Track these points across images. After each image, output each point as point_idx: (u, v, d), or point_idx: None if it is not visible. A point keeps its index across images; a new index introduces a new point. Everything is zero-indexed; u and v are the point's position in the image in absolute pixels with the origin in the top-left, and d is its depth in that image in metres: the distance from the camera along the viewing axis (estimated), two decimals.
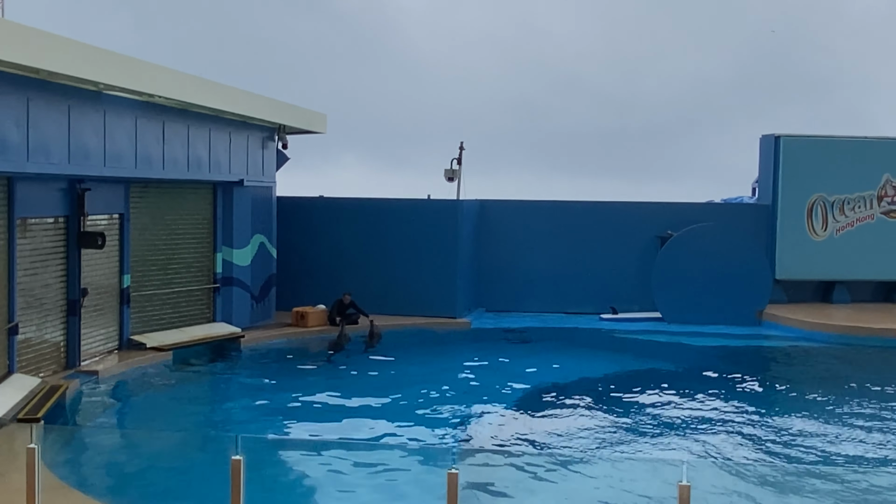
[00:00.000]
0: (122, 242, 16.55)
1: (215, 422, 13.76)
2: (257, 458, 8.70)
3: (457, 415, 13.79)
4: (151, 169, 16.32)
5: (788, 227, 24.25)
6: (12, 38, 11.56)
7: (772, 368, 18.99)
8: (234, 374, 17.07)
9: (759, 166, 25.30)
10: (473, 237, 23.51)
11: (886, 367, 17.91)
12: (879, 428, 13.17)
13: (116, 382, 14.99)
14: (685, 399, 14.96)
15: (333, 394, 14.95)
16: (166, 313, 17.94)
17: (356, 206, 22.83)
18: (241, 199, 19.50)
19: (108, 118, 14.98)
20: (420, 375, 16.54)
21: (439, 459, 9.52)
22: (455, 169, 23.69)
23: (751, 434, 12.92)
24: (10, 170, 12.80)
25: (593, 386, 15.98)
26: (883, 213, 24.62)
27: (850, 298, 24.53)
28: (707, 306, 22.43)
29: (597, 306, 23.48)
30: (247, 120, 19.13)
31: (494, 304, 23.84)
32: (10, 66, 11.93)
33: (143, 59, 14.88)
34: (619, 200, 24.65)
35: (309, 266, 22.13)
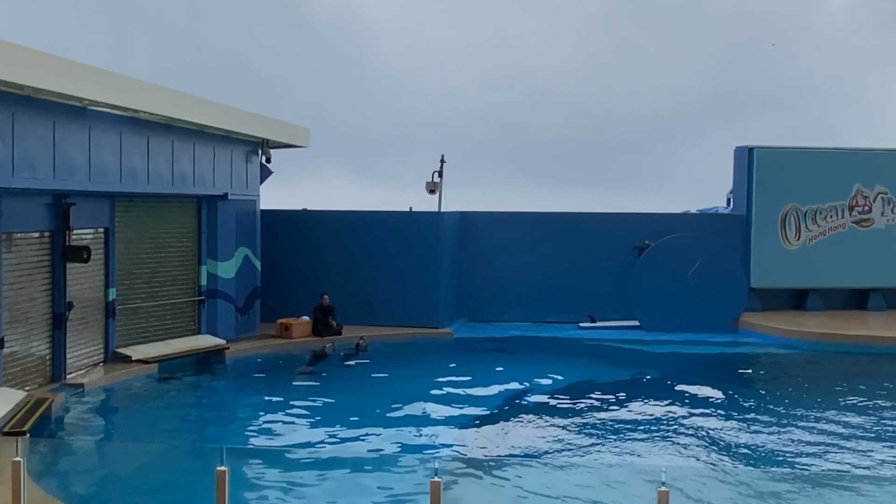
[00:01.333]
0: (108, 256, 16.47)
1: (200, 433, 13.68)
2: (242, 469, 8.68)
3: (439, 423, 13.78)
4: (136, 183, 16.25)
5: (762, 237, 24.44)
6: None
7: (747, 375, 19.08)
8: (219, 385, 16.99)
9: (734, 177, 25.49)
10: (455, 248, 23.54)
11: (859, 373, 18.04)
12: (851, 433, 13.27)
13: (102, 395, 14.89)
14: (663, 405, 15.01)
15: (317, 404, 14.92)
16: (151, 326, 17.84)
17: (339, 219, 22.81)
18: (226, 213, 19.45)
19: (93, 133, 14.92)
20: (403, 385, 16.51)
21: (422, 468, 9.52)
22: (436, 181, 23.74)
23: (727, 439, 13.00)
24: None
25: (573, 393, 16.02)
26: (854, 222, 24.87)
27: (823, 306, 24.72)
28: (684, 314, 22.55)
29: (576, 315, 23.55)
30: (231, 135, 19.10)
31: (476, 315, 23.87)
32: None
33: (127, 76, 14.83)
34: (598, 212, 24.76)
35: (293, 278, 22.07)
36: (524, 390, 16.19)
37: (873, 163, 24.98)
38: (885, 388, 16.36)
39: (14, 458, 7.56)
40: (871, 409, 14.79)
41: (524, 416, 14.32)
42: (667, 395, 15.84)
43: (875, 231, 24.89)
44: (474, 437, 13.08)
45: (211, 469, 7.13)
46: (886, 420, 14.04)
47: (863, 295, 25.10)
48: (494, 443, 12.77)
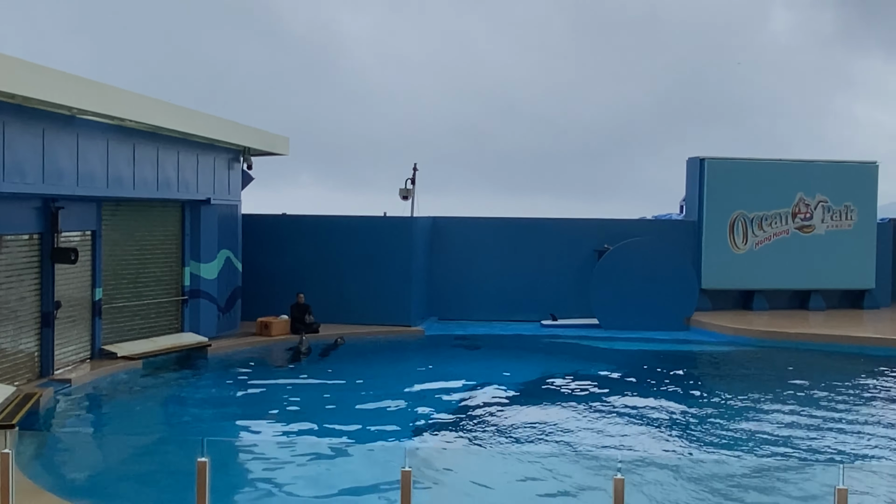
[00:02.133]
0: (95, 257, 16.27)
1: (183, 426, 13.54)
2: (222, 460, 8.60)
3: (411, 416, 13.76)
4: (122, 188, 16.08)
5: (712, 241, 24.69)
6: None
7: (698, 369, 19.25)
8: (201, 380, 16.82)
9: (686, 186, 25.73)
10: (426, 251, 23.54)
11: (800, 368, 18.26)
12: (790, 422, 13.43)
13: (89, 390, 14.70)
14: (620, 398, 15.08)
15: (295, 398, 14.83)
16: (137, 324, 17.65)
17: (317, 223, 22.72)
18: (208, 217, 19.30)
19: (81, 141, 14.75)
20: (377, 380, 16.48)
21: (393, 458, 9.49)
22: (409, 188, 23.72)
23: (679, 429, 13.10)
24: None
25: (536, 387, 16.08)
26: (797, 228, 25.19)
27: (767, 306, 25.01)
28: (640, 313, 22.71)
29: (539, 314, 23.65)
30: (213, 142, 18.95)
31: (446, 313, 23.88)
32: None
33: (114, 86, 14.68)
34: (559, 217, 24.87)
35: (272, 279, 21.95)
36: (490, 384, 16.20)
37: (814, 173, 25.32)
38: (821, 381, 16.57)
39: (2, 450, 7.43)
40: (807, 400, 14.99)
41: (490, 408, 14.33)
42: (623, 388, 15.93)
43: (816, 237, 25.23)
44: (443, 427, 13.07)
45: (192, 459, 7.07)
46: (820, 410, 14.22)
47: (804, 296, 25.42)
48: (462, 432, 12.77)
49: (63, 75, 13.10)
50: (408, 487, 7.16)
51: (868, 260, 25.50)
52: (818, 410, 14.25)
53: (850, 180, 25.41)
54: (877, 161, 25.81)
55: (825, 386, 16.20)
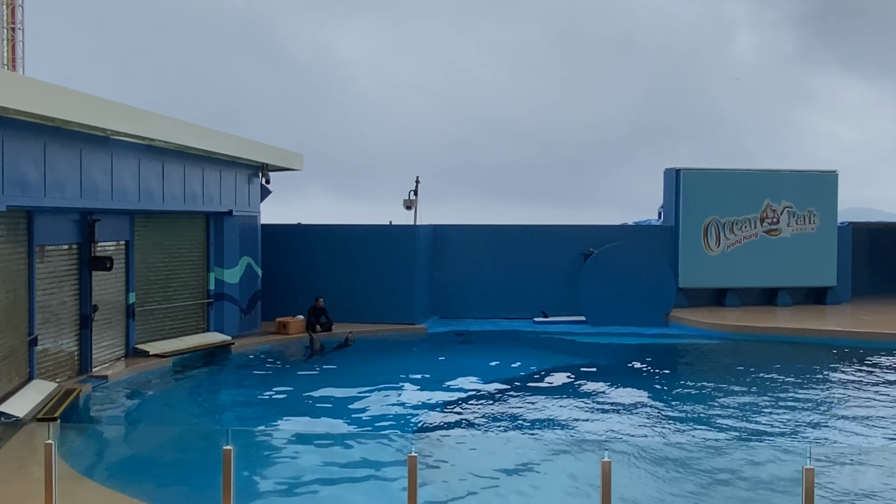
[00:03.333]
0: (128, 265, 16.28)
1: (210, 417, 13.54)
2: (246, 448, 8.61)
3: (416, 405, 13.76)
4: (153, 202, 16.10)
5: (688, 245, 24.69)
6: (32, 93, 11.38)
7: (677, 361, 19.25)
8: (226, 375, 16.83)
9: (664, 194, 25.73)
10: (428, 256, 23.55)
11: (770, 358, 18.25)
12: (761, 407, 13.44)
13: (124, 385, 14.70)
14: (605, 387, 15.08)
15: (311, 390, 14.82)
16: (166, 325, 17.66)
17: (329, 232, 22.73)
18: (231, 227, 19.32)
19: (115, 159, 14.77)
20: (384, 373, 16.46)
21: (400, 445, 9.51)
22: (412, 199, 23.77)
23: (660, 415, 13.10)
24: (30, 204, 12.57)
25: (530, 378, 16.08)
26: (765, 231, 25.20)
27: (739, 302, 25.01)
28: (623, 310, 22.70)
29: (531, 311, 23.65)
30: (235, 159, 18.97)
31: (447, 312, 23.87)
32: (30, 116, 11.75)
33: (145, 109, 14.71)
34: (549, 224, 24.89)
35: (289, 282, 21.95)
36: (487, 375, 16.19)
37: (780, 182, 25.33)
38: (789, 370, 16.58)
39: (46, 440, 7.44)
40: (776, 387, 14.99)
41: (488, 397, 14.34)
42: (608, 378, 15.92)
43: (782, 239, 25.24)
44: (446, 416, 13.06)
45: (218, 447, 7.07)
46: (788, 396, 14.23)
47: (772, 293, 25.42)
48: (463, 420, 12.76)
49: (98, 100, 13.12)
50: (414, 471, 7.16)
51: (830, 260, 25.50)
52: (786, 396, 14.26)
53: (813, 188, 25.42)
54: (836, 170, 25.83)
55: (792, 374, 16.20)
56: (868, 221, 29.10)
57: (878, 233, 30.03)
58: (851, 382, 15.70)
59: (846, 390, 15.05)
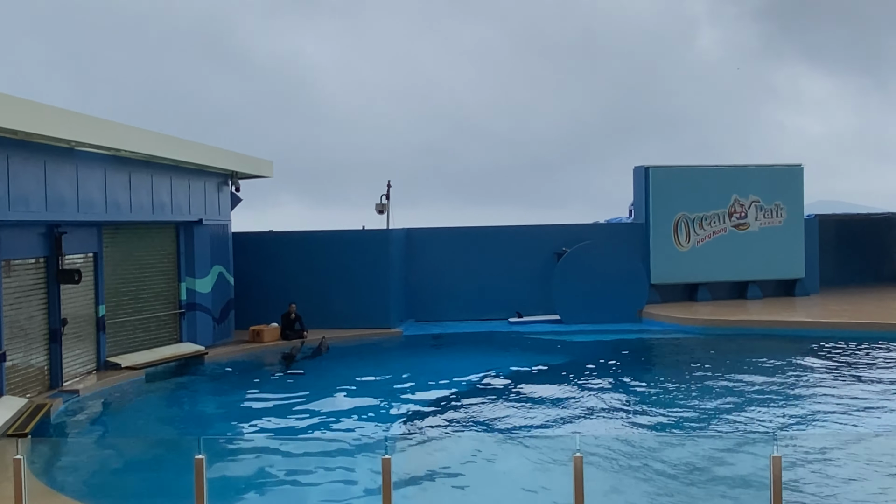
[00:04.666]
0: (97, 277, 16.11)
1: (184, 428, 13.44)
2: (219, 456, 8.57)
3: (392, 408, 13.77)
4: (120, 213, 15.96)
5: (659, 241, 24.94)
6: None
7: (651, 355, 19.45)
8: (199, 385, 16.70)
9: (634, 192, 25.95)
10: (402, 259, 23.56)
11: (740, 351, 18.50)
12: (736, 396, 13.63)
13: (96, 399, 14.54)
14: (581, 384, 15.20)
15: (286, 397, 14.77)
16: (138, 336, 17.49)
17: (301, 238, 22.66)
18: (201, 236, 19.18)
19: (80, 170, 14.62)
20: (361, 377, 16.46)
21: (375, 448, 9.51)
22: (384, 203, 23.74)
23: (634, 409, 13.24)
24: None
25: (505, 378, 16.14)
26: (733, 226, 25.52)
27: (710, 297, 25.29)
28: (597, 308, 22.87)
29: (506, 312, 23.74)
30: (204, 168, 18.85)
31: (422, 315, 23.89)
32: None
33: (110, 120, 14.57)
34: (521, 224, 25.01)
35: (262, 290, 21.84)
36: (464, 376, 16.25)
37: (747, 176, 25.68)
38: (759, 361, 16.82)
39: (15, 456, 7.36)
40: (748, 378, 15.20)
41: (464, 398, 14.38)
42: (583, 375, 16.04)
43: (751, 233, 25.58)
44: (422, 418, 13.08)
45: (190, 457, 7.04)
46: (759, 386, 14.44)
47: (743, 286, 25.75)
48: (440, 422, 12.79)
49: (62, 112, 12.99)
50: (388, 473, 7.18)
51: (798, 252, 25.89)
52: (757, 386, 14.47)
53: (779, 182, 25.80)
54: (802, 164, 26.25)
55: (763, 365, 16.44)
56: (834, 213, 29.57)
57: (844, 224, 30.57)
58: (821, 372, 15.96)
59: (815, 379, 15.29)
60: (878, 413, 12.58)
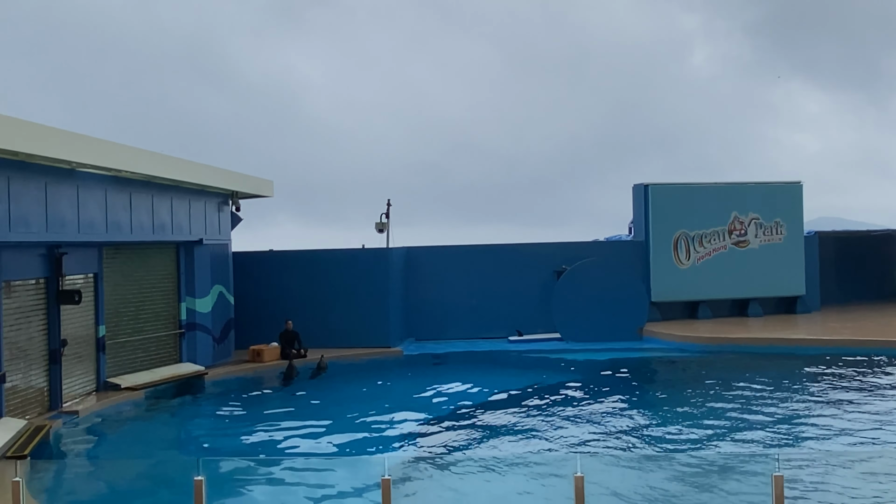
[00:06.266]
0: (97, 298, 16.12)
1: (184, 449, 13.40)
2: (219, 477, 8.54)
3: (392, 428, 13.73)
4: (121, 233, 16.01)
5: (659, 259, 24.96)
6: None
7: (652, 374, 19.40)
8: (200, 406, 16.68)
9: (633, 209, 26.01)
10: (402, 278, 23.57)
11: (742, 368, 18.46)
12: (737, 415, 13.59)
13: (95, 420, 14.51)
14: (582, 403, 15.18)
15: (286, 417, 14.74)
16: (138, 357, 17.48)
17: (302, 257, 22.69)
18: (201, 256, 19.22)
19: (81, 191, 14.69)
20: (361, 397, 16.44)
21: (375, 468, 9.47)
22: (384, 222, 23.80)
23: (635, 428, 13.20)
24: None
25: (506, 397, 16.11)
26: (733, 243, 25.55)
27: (711, 314, 25.26)
28: (597, 326, 22.86)
29: (506, 331, 23.71)
30: (204, 188, 18.93)
31: (422, 334, 23.87)
32: None
33: (111, 140, 14.65)
34: (520, 242, 25.04)
35: (262, 309, 21.85)
36: (464, 396, 16.24)
37: (746, 194, 25.75)
38: (761, 379, 16.79)
39: (13, 478, 7.35)
40: (749, 396, 15.17)
41: (464, 418, 14.35)
42: (584, 393, 16.02)
43: (751, 251, 25.61)
44: (422, 438, 13.05)
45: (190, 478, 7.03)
46: (761, 404, 14.40)
47: (743, 304, 25.74)
48: (439, 442, 12.75)
49: (63, 133, 13.07)
50: (388, 494, 7.16)
51: (798, 269, 25.90)
52: (759, 405, 14.43)
53: (779, 199, 25.87)
54: (801, 181, 26.32)
55: (765, 383, 16.40)
56: (834, 230, 29.61)
57: (844, 241, 30.58)
58: (823, 390, 15.92)
59: (817, 397, 15.25)
60: (881, 431, 12.53)
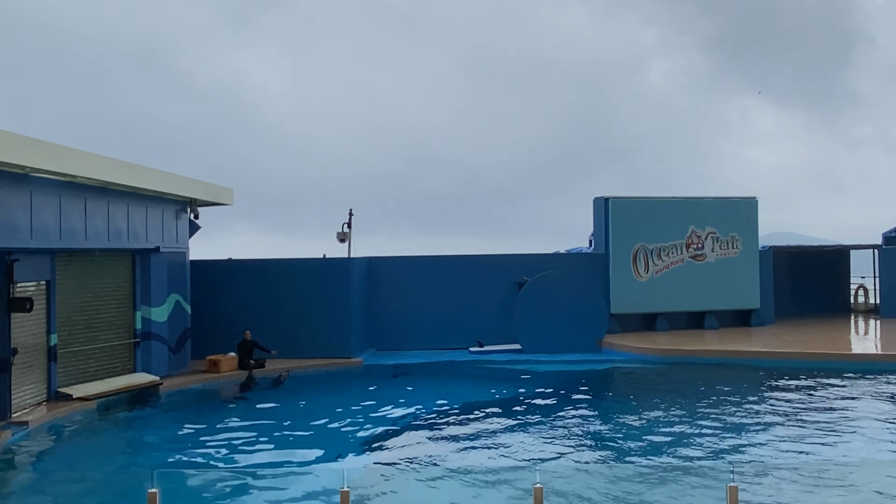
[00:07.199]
0: (49, 306, 15.77)
1: (136, 461, 13.12)
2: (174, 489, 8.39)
3: (351, 439, 13.64)
4: (75, 240, 15.70)
5: (619, 271, 25.26)
6: None
7: (611, 385, 19.58)
8: (153, 417, 16.35)
9: (594, 222, 26.31)
10: (364, 288, 23.50)
11: (699, 380, 18.73)
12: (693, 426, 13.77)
13: (45, 431, 14.15)
14: (541, 414, 15.24)
15: (243, 428, 14.54)
16: (91, 366, 17.12)
17: (261, 266, 22.49)
18: (158, 264, 18.93)
19: (35, 197, 14.39)
20: (320, 408, 16.28)
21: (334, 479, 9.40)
22: (346, 232, 23.72)
23: (595, 438, 13.30)
24: None
25: (465, 408, 16.10)
26: (690, 257, 25.99)
27: (669, 326, 25.63)
28: (557, 338, 23.04)
29: (468, 341, 23.77)
30: (162, 195, 18.67)
31: (383, 344, 23.81)
32: None
33: (67, 146, 14.39)
34: (482, 253, 25.16)
35: (221, 319, 21.59)
36: (424, 407, 16.19)
37: (704, 208, 26.23)
38: (717, 391, 17.05)
39: None
40: (705, 407, 15.39)
41: (423, 429, 14.31)
42: (544, 404, 16.10)
43: (707, 264, 26.06)
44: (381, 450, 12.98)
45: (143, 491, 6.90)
46: (716, 415, 14.62)
47: (700, 316, 26.16)
48: (399, 453, 12.70)
49: (17, 137, 12.80)
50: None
51: (753, 283, 26.43)
52: (714, 416, 14.64)
53: (735, 214, 26.40)
54: (756, 197, 26.93)
55: (721, 394, 16.66)
56: (788, 245, 30.32)
57: (797, 256, 31.32)
58: (776, 401, 16.23)
59: (770, 408, 15.54)
60: (831, 441, 12.82)
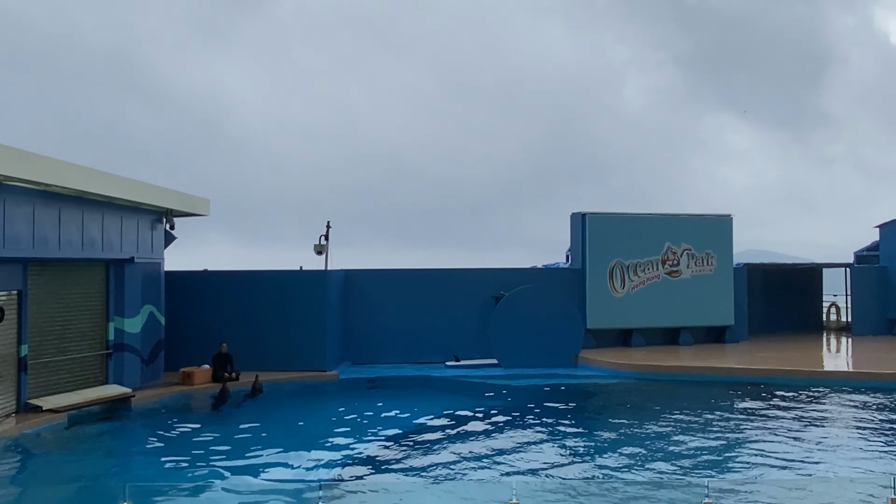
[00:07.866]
0: (21, 316, 15.55)
1: (108, 474, 12.93)
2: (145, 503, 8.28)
3: (326, 453, 13.54)
4: (48, 249, 15.50)
5: (595, 287, 25.42)
6: None
7: (587, 400, 19.63)
8: (125, 429, 16.14)
9: (571, 238, 26.50)
10: (340, 301, 23.42)
11: (674, 396, 18.86)
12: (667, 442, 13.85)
13: (14, 443, 13.90)
14: (517, 429, 15.26)
15: (217, 442, 14.39)
16: (62, 378, 16.87)
17: (237, 278, 22.34)
18: (132, 275, 18.74)
19: (7, 205, 14.21)
20: (295, 422, 16.18)
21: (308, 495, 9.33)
22: (324, 244, 23.65)
23: (569, 453, 13.32)
24: None
25: (441, 422, 16.08)
26: (666, 273, 26.22)
27: (644, 342, 25.80)
28: (533, 352, 23.10)
29: (444, 356, 23.75)
30: (137, 205, 18.51)
31: (359, 358, 23.72)
32: None
33: (40, 154, 14.23)
34: (459, 267, 25.19)
35: (195, 331, 21.39)
36: (399, 421, 16.14)
37: (679, 225, 26.51)
38: (692, 407, 17.17)
39: None
40: (679, 423, 15.49)
41: (399, 443, 14.25)
42: (519, 419, 16.11)
43: (683, 280, 26.31)
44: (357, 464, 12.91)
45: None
46: (690, 431, 14.72)
47: (675, 332, 26.37)
48: (373, 468, 12.63)
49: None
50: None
51: (727, 300, 26.71)
52: (689, 431, 14.74)
53: (710, 231, 26.70)
54: (731, 214, 27.25)
55: (695, 410, 16.77)
56: (762, 263, 30.69)
57: (771, 273, 31.73)
58: (750, 417, 16.38)
59: (744, 424, 15.67)
60: (804, 457, 12.95)
